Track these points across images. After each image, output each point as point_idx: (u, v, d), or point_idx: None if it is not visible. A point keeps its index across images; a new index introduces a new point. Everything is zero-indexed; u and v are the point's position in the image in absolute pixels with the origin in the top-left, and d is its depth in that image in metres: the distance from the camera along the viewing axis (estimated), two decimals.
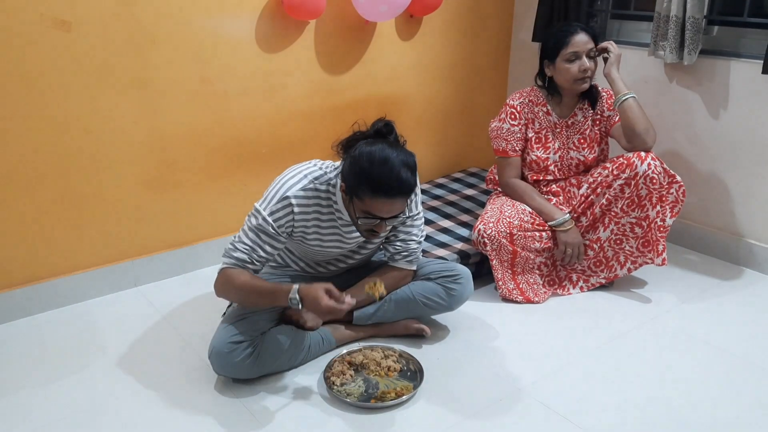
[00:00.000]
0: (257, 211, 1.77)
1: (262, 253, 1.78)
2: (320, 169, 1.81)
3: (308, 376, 1.87)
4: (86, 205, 2.23)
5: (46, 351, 2.01)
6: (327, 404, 1.76)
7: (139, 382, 1.85)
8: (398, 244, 1.95)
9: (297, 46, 2.54)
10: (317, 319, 1.92)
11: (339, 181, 1.75)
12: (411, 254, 1.97)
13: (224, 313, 1.91)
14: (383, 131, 1.72)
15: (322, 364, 1.89)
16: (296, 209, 1.76)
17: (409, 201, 1.88)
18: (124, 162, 2.26)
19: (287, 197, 1.75)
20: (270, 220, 1.75)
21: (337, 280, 2.03)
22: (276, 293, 1.72)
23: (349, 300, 1.66)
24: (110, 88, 2.16)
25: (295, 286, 1.68)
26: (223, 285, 1.79)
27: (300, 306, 1.67)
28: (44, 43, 1.99)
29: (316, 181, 1.78)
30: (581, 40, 2.25)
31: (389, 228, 1.77)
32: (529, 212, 2.31)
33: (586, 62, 2.26)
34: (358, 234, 1.85)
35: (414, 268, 2.01)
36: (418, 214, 1.95)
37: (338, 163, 1.79)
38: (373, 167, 1.61)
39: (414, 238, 1.96)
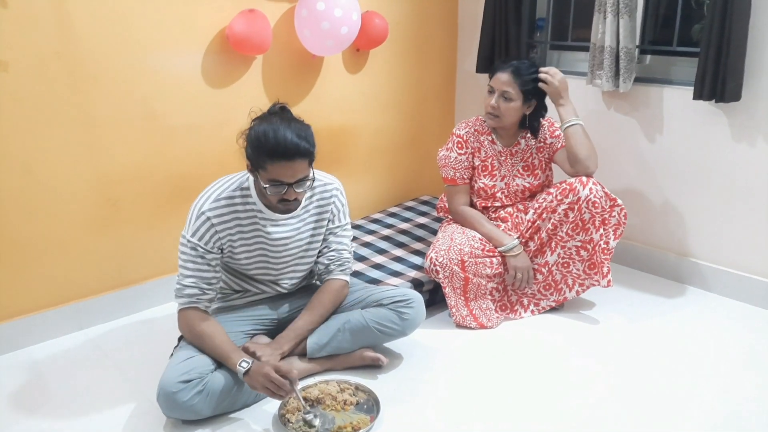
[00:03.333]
0: (183, 237, 1.85)
1: (207, 276, 1.86)
2: (229, 180, 1.91)
3: (262, 414, 1.84)
4: (28, 246, 2.15)
5: None
6: None
7: (87, 430, 1.78)
8: (331, 254, 2.04)
9: (244, 81, 2.55)
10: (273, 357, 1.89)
11: (246, 161, 1.83)
12: (344, 263, 2.05)
13: (171, 354, 1.87)
14: (279, 113, 1.81)
15: (277, 401, 1.86)
16: (215, 220, 1.84)
17: (336, 211, 2.01)
18: (67, 202, 2.21)
19: (203, 212, 1.83)
20: (195, 240, 1.83)
21: (283, 302, 2.07)
22: (227, 360, 1.78)
23: (293, 377, 1.72)
24: (51, 127, 2.11)
25: (244, 361, 1.74)
26: (184, 328, 1.87)
27: (242, 376, 1.74)
28: None
29: (227, 190, 1.87)
30: (500, 79, 2.33)
31: (299, 193, 1.82)
32: (479, 239, 2.35)
33: (492, 101, 2.34)
34: (281, 235, 1.92)
35: (348, 278, 2.07)
36: (347, 224, 2.08)
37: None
38: (268, 135, 1.72)
39: (345, 247, 2.06)
